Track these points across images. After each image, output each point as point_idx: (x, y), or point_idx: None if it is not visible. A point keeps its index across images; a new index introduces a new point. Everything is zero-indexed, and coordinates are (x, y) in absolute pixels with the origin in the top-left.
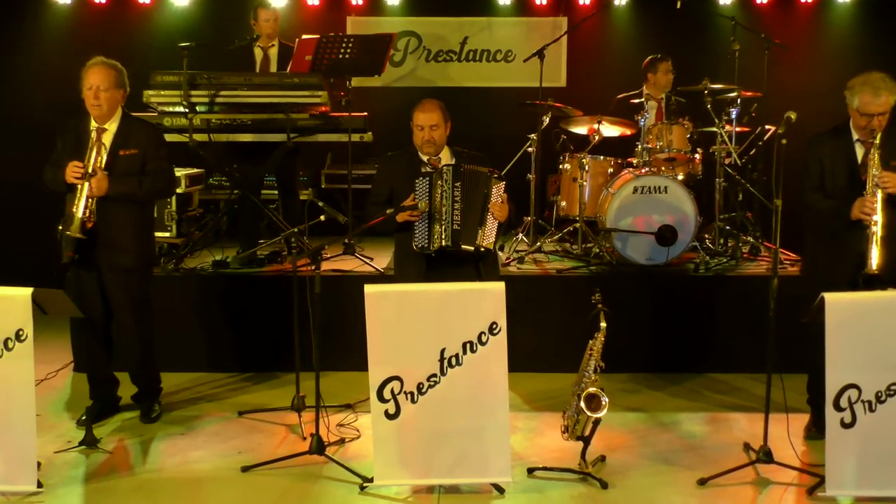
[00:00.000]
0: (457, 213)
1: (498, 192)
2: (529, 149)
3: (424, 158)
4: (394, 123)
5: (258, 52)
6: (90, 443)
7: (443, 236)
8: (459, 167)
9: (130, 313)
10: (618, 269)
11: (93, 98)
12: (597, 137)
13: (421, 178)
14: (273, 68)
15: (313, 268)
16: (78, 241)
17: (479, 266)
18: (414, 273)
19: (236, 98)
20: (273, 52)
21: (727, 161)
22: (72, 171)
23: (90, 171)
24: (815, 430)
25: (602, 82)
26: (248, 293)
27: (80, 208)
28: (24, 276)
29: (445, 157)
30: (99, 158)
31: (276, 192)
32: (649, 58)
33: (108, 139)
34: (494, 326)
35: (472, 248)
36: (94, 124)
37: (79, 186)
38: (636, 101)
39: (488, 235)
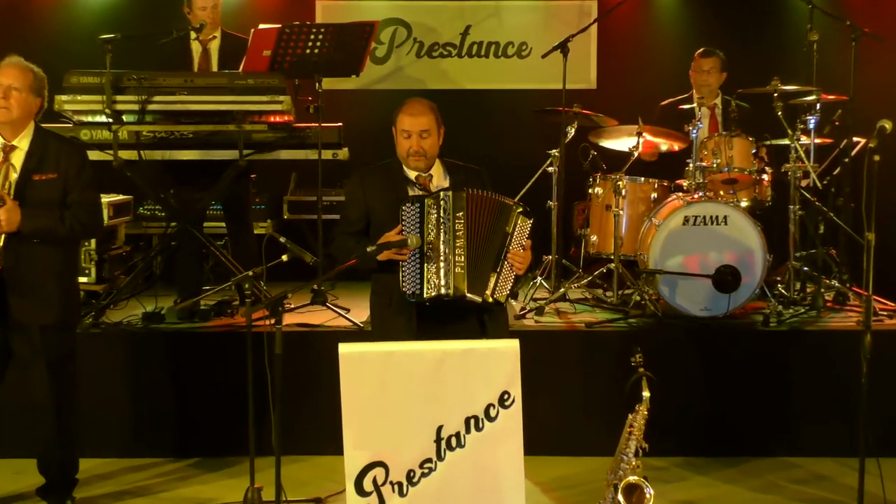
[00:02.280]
0: (459, 251)
1: (522, 232)
2: (550, 168)
3: (411, 175)
4: (376, 136)
5: (195, 48)
6: None
7: (441, 282)
8: (462, 191)
9: (46, 382)
10: (665, 322)
11: (0, 98)
12: (636, 153)
13: (409, 205)
14: (214, 66)
15: (273, 322)
16: None
17: (483, 319)
18: (400, 327)
19: (174, 105)
20: (214, 47)
21: (804, 183)
22: None
23: None
24: None
25: (643, 83)
26: (190, 355)
27: None
28: None
29: (437, 174)
30: (7, 183)
31: (224, 224)
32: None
33: (18, 159)
34: (506, 397)
35: (480, 300)
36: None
37: None
38: (686, 106)
39: (502, 285)
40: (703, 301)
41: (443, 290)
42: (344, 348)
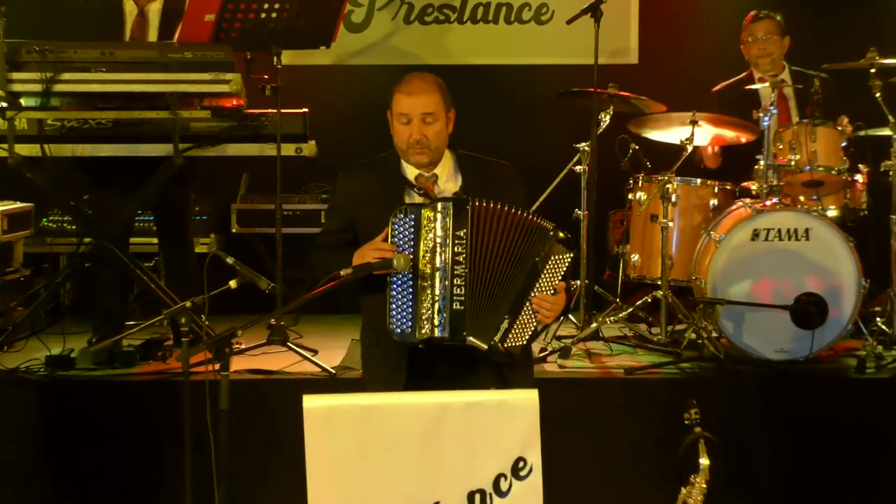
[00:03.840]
0: (459, 281)
1: (557, 268)
2: (577, 167)
3: (410, 175)
4: (353, 126)
5: (129, 9)
6: None
7: (435, 320)
8: (465, 202)
9: None
10: (728, 367)
11: None
12: (690, 147)
13: (401, 214)
14: (153, 35)
15: (218, 368)
16: None
17: (503, 373)
18: (389, 371)
19: (89, 85)
20: (154, 10)
21: None
22: None
23: None
24: None
25: (699, 57)
26: (108, 411)
27: None
28: None
29: (445, 173)
30: None
31: (155, 240)
32: None
33: None
34: (522, 465)
35: (485, 347)
36: None
37: None
38: (755, 86)
39: (518, 333)
40: (779, 340)
41: (437, 332)
42: (310, 402)
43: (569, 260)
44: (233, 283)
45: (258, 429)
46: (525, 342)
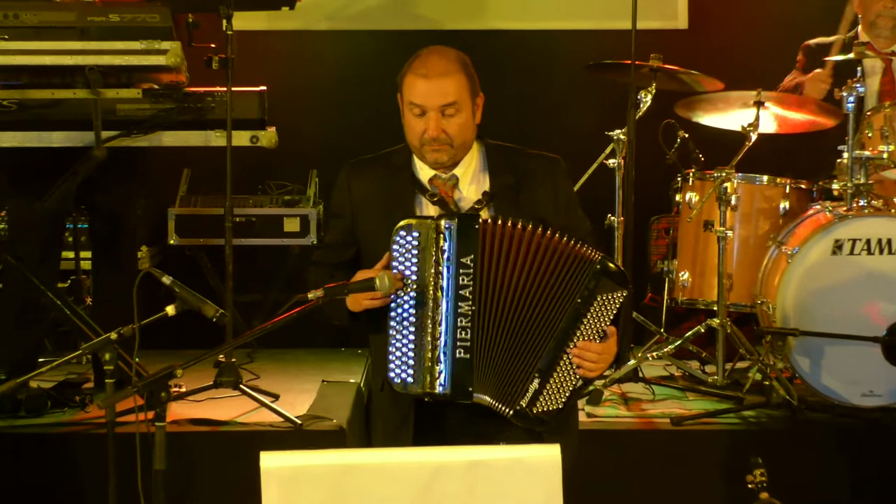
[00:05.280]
0: (464, 321)
1: (606, 310)
2: (611, 161)
3: (423, 177)
4: (329, 110)
5: None
6: None
7: (434, 369)
8: (471, 219)
9: None
10: (803, 416)
11: None
12: (754, 136)
13: (402, 232)
14: None
15: (151, 417)
16: None
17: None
18: (395, 424)
19: None
20: None
21: None
22: None
23: None
24: None
25: (766, 20)
26: (13, 470)
27: None
28: None
29: (469, 173)
30: None
31: (71, 254)
32: None
33: None
34: None
35: (508, 412)
36: None
37: None
38: (836, 58)
39: (556, 393)
40: (868, 381)
41: (436, 387)
42: (269, 460)
43: (621, 300)
44: (170, 310)
45: (203, 494)
46: (561, 405)
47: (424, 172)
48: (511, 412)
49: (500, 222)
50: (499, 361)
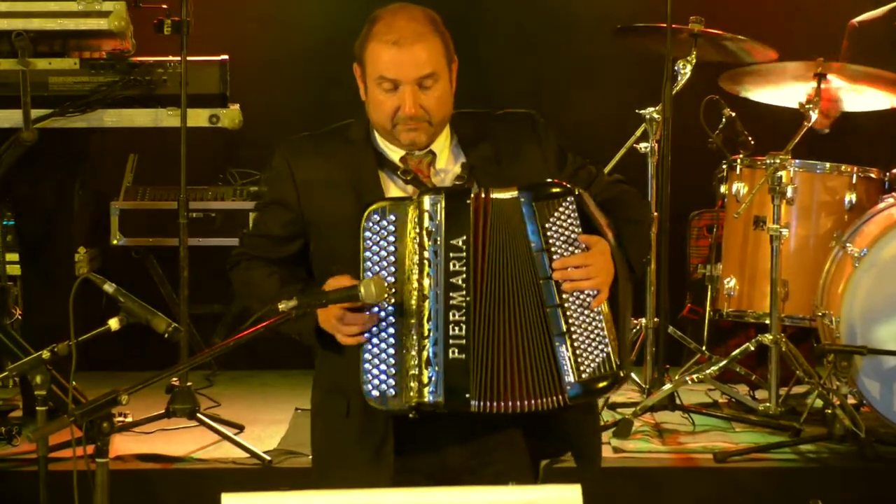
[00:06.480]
0: (457, 315)
1: (564, 229)
2: (642, 145)
3: (393, 156)
4: (304, 83)
5: None
6: None
7: (422, 375)
8: (463, 194)
9: None
10: (873, 452)
11: None
12: (814, 115)
13: (376, 216)
14: None
15: (91, 452)
16: None
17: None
18: (368, 456)
19: None
20: None
21: None
22: None
23: None
24: None
25: None
26: None
27: None
28: None
29: (445, 148)
30: None
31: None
32: None
33: None
34: None
35: (559, 399)
36: None
37: None
38: None
39: (591, 344)
40: None
41: (426, 395)
42: (231, 502)
43: (572, 206)
44: (113, 323)
45: None
46: (606, 349)
47: (393, 150)
48: (562, 398)
49: (485, 194)
50: (483, 355)
